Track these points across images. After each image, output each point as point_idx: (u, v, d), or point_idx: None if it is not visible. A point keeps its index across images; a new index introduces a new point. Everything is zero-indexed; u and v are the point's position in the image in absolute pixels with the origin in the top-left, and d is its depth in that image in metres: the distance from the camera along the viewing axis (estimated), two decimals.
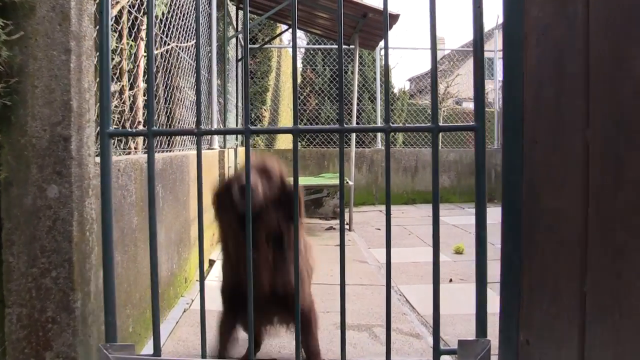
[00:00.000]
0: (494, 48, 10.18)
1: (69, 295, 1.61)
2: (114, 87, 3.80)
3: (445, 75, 22.32)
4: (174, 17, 4.41)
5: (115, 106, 4.25)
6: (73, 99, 1.61)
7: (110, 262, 1.64)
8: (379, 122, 9.65)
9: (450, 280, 4.38)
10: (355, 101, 7.02)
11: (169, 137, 4.14)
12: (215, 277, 4.15)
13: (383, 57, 10.04)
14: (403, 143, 11.66)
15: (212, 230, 4.95)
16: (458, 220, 7.52)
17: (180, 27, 4.66)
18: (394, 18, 5.63)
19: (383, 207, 9.21)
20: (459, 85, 17.65)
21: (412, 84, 30.23)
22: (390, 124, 1.69)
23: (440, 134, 1.76)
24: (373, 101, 9.84)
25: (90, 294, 1.73)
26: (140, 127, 4.22)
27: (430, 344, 3.05)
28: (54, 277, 1.61)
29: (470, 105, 25.23)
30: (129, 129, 2.75)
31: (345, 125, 1.71)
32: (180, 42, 5.18)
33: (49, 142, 1.59)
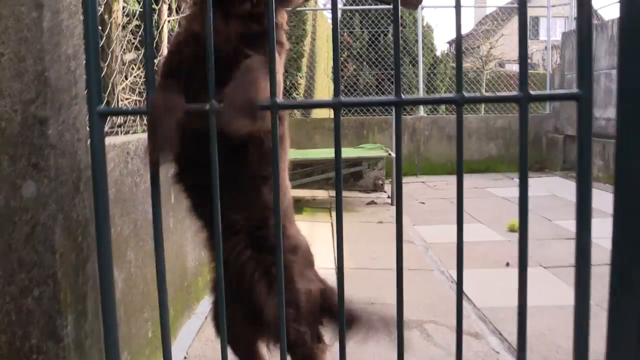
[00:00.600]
0: (545, 3, 9.35)
1: (56, 319, 1.28)
2: (130, 55, 3.45)
3: (488, 36, 21.25)
4: None
5: (137, 75, 3.93)
6: (49, 69, 1.24)
7: (106, 274, 1.29)
8: (421, 88, 9.08)
9: (507, 264, 3.94)
10: (398, 67, 6.50)
11: None
12: None
13: (424, 17, 9.44)
14: (446, 109, 11.05)
15: None
16: (508, 192, 6.99)
17: None
18: None
19: (425, 178, 8.79)
20: (503, 46, 16.69)
21: (451, 46, 29.05)
22: (464, 94, 1.27)
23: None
24: (415, 65, 9.25)
25: (87, 312, 1.40)
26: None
27: (491, 346, 2.66)
28: (37, 296, 1.28)
29: (513, 67, 24.08)
30: (128, 107, 2.37)
31: (403, 97, 1.29)
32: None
33: (22, 125, 1.24)
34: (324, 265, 2.96)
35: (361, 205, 6.24)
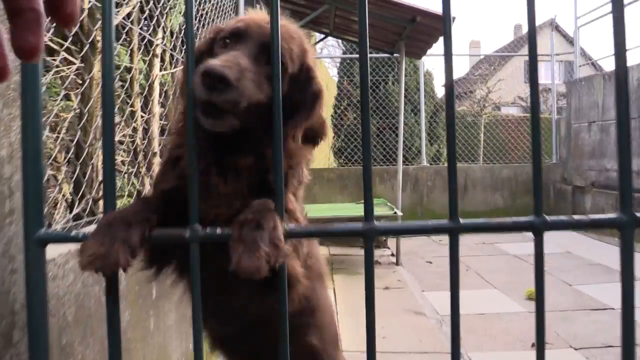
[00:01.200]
0: (543, 51, 9.19)
1: None
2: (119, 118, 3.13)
3: (483, 80, 21.30)
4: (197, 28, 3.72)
5: (123, 136, 3.59)
6: None
7: None
8: (423, 137, 8.82)
9: (533, 345, 3.52)
10: (402, 116, 6.24)
11: None
12: None
13: (424, 64, 9.26)
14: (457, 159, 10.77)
15: None
16: (519, 249, 6.61)
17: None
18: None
19: None
20: (501, 90, 16.72)
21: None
22: (544, 217, 0.92)
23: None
24: (416, 113, 9.01)
25: None
26: (157, 161, 3.54)
27: None
28: None
29: (509, 110, 24.15)
30: (72, 233, 2.01)
31: (459, 222, 0.95)
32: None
33: None
34: None
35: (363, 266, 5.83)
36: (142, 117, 3.53)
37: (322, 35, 6.73)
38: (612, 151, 7.38)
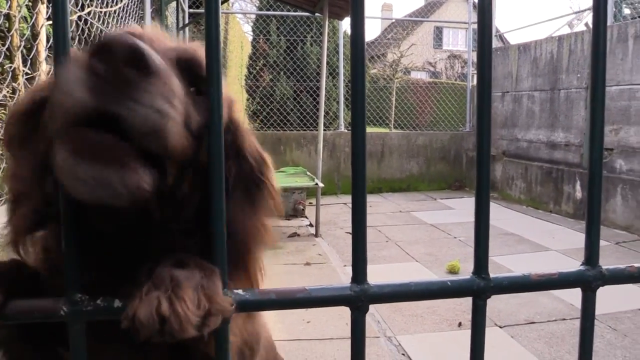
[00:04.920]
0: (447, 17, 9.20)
1: None
2: None
3: (396, 45, 21.45)
4: None
5: (4, 95, 2.99)
6: None
7: None
8: (342, 101, 8.57)
9: (460, 325, 3.45)
10: (324, 80, 5.91)
11: None
12: None
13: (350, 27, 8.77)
14: (368, 123, 10.66)
15: None
16: (435, 217, 6.64)
17: None
18: None
19: (347, 199, 8.24)
20: (412, 55, 16.91)
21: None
22: (601, 268, 0.65)
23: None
24: (335, 77, 8.71)
25: None
26: None
27: None
28: None
29: (419, 75, 24.62)
30: None
31: (489, 278, 0.65)
32: (103, 5, 3.93)
33: None
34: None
35: (283, 239, 5.55)
36: (25, 74, 2.96)
37: None
38: (522, 121, 7.56)
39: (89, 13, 3.59)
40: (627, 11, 7.33)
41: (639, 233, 5.69)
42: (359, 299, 0.61)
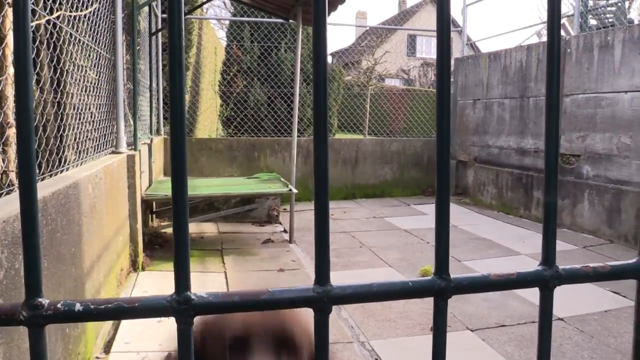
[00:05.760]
0: (419, 26, 9.32)
1: None
2: None
3: (370, 52, 21.64)
4: None
5: None
6: None
7: None
8: None
9: (432, 329, 3.48)
10: (297, 87, 5.94)
11: (58, 153, 2.86)
12: (125, 347, 2.95)
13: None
14: (339, 128, 10.71)
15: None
16: (409, 223, 6.69)
17: None
18: None
19: None
20: (386, 62, 17.07)
21: (334, 59, 29.33)
22: (557, 268, 0.67)
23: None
24: (309, 83, 8.73)
25: None
26: (12, 132, 2.90)
27: None
28: None
29: (392, 82, 24.85)
30: None
31: (450, 278, 0.65)
32: (73, 10, 3.86)
33: None
34: None
35: (256, 245, 5.53)
36: None
37: None
38: (493, 128, 7.69)
39: (58, 17, 3.53)
40: (593, 22, 7.54)
41: (606, 237, 5.84)
42: (321, 299, 0.61)
